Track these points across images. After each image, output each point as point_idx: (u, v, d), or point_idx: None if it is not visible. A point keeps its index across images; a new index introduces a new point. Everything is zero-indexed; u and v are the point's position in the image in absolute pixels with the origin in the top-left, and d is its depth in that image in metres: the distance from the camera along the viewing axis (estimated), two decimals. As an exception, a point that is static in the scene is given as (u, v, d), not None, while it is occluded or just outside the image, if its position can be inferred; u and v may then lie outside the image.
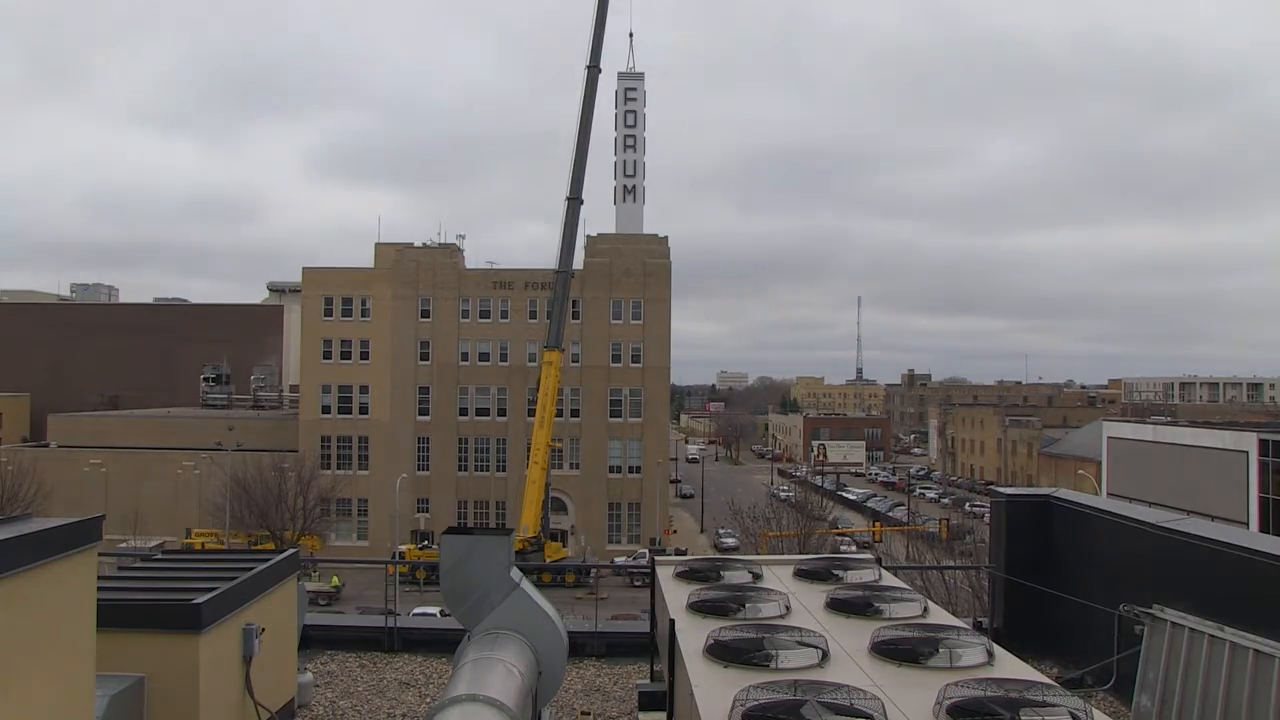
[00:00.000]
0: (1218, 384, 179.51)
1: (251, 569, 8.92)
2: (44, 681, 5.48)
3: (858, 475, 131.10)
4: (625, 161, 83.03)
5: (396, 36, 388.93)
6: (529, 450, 64.37)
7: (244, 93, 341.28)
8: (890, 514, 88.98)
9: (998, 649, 6.77)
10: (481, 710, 6.37)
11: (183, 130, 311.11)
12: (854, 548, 61.99)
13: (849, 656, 6.60)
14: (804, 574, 9.44)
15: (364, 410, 78.81)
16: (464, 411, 79.15)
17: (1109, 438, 61.35)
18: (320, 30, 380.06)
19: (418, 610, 33.04)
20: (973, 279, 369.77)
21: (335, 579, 56.91)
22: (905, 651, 6.54)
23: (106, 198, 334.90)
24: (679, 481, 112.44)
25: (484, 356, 79.42)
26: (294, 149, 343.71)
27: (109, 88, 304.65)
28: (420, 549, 67.31)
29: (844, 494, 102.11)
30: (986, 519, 33.58)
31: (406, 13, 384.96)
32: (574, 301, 73.04)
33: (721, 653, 6.51)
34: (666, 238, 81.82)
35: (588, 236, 78.89)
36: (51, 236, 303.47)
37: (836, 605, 8.02)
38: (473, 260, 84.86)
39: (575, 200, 62.13)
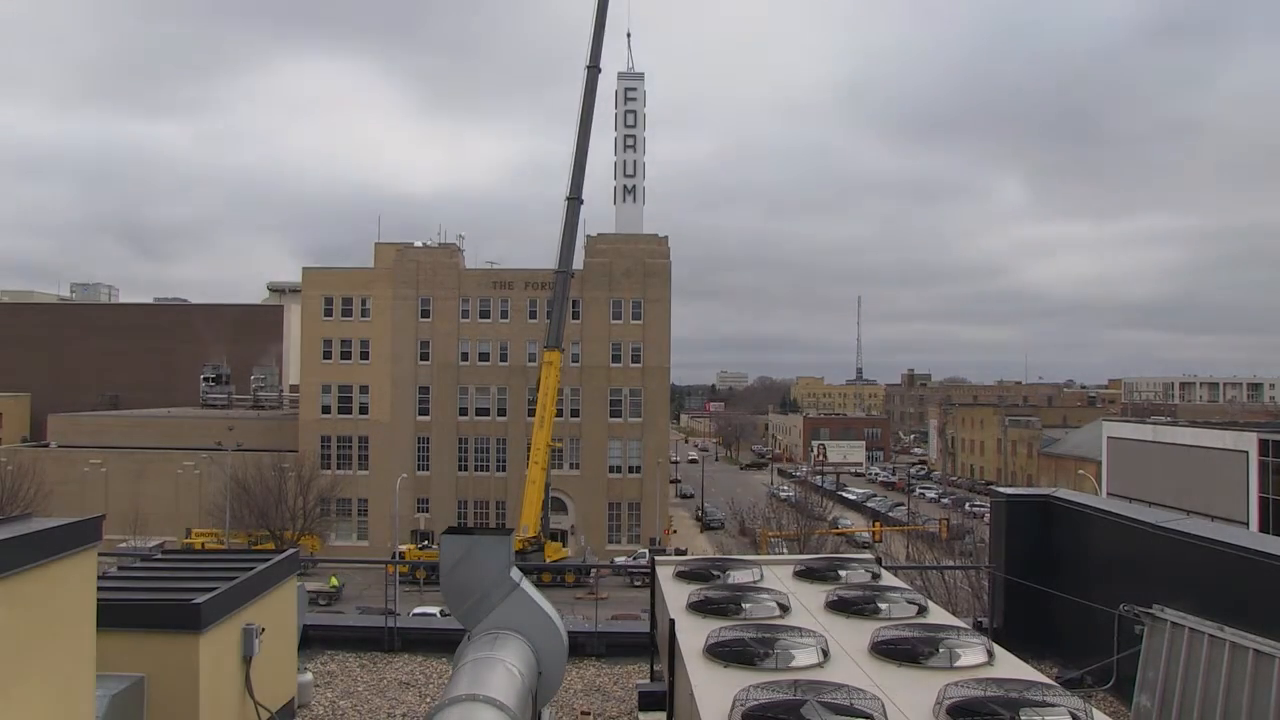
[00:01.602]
0: (1218, 384, 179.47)
1: (251, 569, 8.92)
2: (44, 681, 5.49)
3: (858, 475, 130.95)
4: (625, 161, 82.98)
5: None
6: (529, 450, 64.40)
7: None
8: (890, 514, 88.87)
9: (998, 649, 6.76)
10: (481, 710, 6.37)
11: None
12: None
13: (849, 656, 6.59)
14: (804, 574, 9.43)
15: (364, 410, 78.79)
16: (464, 411, 79.13)
17: (1109, 438, 61.32)
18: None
19: (418, 610, 33.18)
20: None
21: (333, 579, 56.84)
22: (905, 651, 6.53)
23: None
24: (679, 481, 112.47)
25: (484, 356, 79.40)
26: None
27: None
28: (420, 549, 67.34)
29: (844, 494, 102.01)
30: (986, 519, 33.55)
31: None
32: (574, 301, 73.05)
33: (721, 653, 6.50)
34: (666, 238, 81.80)
35: (588, 236, 78.93)
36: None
37: (836, 605, 8.02)
38: (473, 260, 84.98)
39: (575, 200, 62.16)
